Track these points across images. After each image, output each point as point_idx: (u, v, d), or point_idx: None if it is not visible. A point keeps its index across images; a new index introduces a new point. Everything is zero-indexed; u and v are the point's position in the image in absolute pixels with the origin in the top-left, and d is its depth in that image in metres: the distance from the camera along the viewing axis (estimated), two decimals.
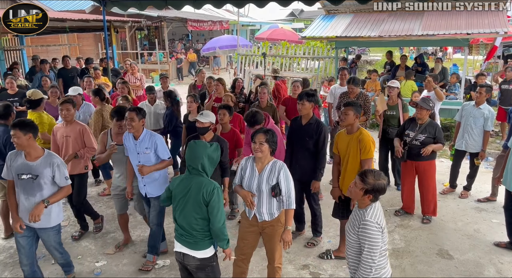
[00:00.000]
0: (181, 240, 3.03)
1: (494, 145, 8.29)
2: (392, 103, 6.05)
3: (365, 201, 2.75)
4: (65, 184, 3.62)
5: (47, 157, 3.54)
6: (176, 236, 3.07)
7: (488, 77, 11.70)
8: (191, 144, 3.03)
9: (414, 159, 5.18)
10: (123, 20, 12.84)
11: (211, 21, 23.17)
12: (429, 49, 20.98)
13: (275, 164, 3.38)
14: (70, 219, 5.44)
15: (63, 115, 4.72)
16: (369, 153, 3.96)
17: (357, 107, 4.03)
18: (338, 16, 11.53)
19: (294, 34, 20.32)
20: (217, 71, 21.01)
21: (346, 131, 4.14)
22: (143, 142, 4.02)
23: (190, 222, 2.96)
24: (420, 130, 5.08)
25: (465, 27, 9.24)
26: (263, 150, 3.29)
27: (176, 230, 3.07)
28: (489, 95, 6.13)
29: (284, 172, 3.35)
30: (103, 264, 4.43)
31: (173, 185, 3.07)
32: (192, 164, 2.97)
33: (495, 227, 5.17)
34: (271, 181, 3.34)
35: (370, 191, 2.69)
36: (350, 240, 2.86)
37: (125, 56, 18.47)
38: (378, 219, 2.69)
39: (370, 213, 2.71)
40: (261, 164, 3.39)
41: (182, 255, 3.04)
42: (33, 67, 10.45)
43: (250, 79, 12.59)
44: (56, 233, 3.75)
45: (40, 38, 15.15)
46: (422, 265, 4.36)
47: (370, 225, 2.66)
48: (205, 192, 2.90)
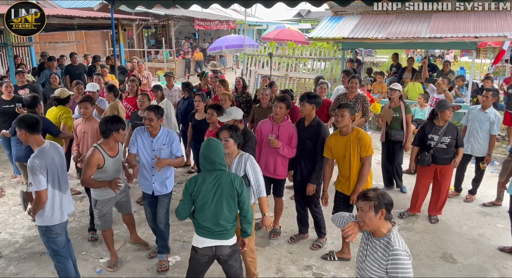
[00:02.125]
0: (212, 235, 3.12)
1: (500, 149, 8.25)
2: (394, 105, 6.03)
3: (382, 224, 2.42)
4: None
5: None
6: (203, 233, 3.14)
7: (496, 81, 11.65)
8: (213, 141, 3.16)
9: (439, 163, 5.16)
10: (131, 18, 12.86)
11: (218, 21, 23.19)
12: (437, 52, 20.88)
13: (241, 156, 3.58)
14: (75, 215, 5.48)
15: (82, 112, 4.86)
16: (369, 150, 4.01)
17: (351, 108, 4.07)
18: (345, 17, 11.52)
19: (301, 35, 20.29)
20: (223, 70, 21.03)
21: (340, 133, 4.13)
22: (160, 138, 4.07)
23: (223, 215, 3.10)
24: (444, 132, 5.08)
25: (473, 30, 9.21)
26: (228, 146, 3.50)
27: (201, 228, 3.13)
28: (495, 99, 6.11)
29: (251, 163, 3.56)
30: (107, 260, 4.45)
31: (194, 187, 3.09)
32: (217, 159, 3.10)
33: (499, 231, 5.15)
34: (239, 173, 3.52)
35: (379, 205, 2.38)
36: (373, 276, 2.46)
37: (132, 54, 18.55)
38: (405, 246, 2.37)
39: (396, 241, 2.36)
40: (229, 158, 3.57)
41: (215, 248, 3.15)
42: (42, 64, 10.54)
43: (256, 79, 12.60)
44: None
45: (48, 35, 15.22)
46: (425, 268, 4.35)
47: (401, 254, 2.30)
48: (237, 184, 3.10)
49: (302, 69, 13.66)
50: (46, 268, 4.29)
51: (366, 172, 4.07)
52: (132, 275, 4.21)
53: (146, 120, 3.99)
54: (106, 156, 3.84)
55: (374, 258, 2.44)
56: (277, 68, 13.37)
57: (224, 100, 5.61)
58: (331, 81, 12.55)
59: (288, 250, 4.68)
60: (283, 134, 4.46)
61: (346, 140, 4.07)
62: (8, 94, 6.08)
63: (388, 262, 2.34)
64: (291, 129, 4.48)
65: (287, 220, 5.33)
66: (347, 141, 4.06)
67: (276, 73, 12.70)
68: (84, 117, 4.87)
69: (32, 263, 4.38)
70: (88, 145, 4.82)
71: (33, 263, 4.39)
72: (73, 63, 9.82)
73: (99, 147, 3.84)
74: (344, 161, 4.14)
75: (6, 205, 5.83)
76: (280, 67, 13.55)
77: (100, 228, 4.23)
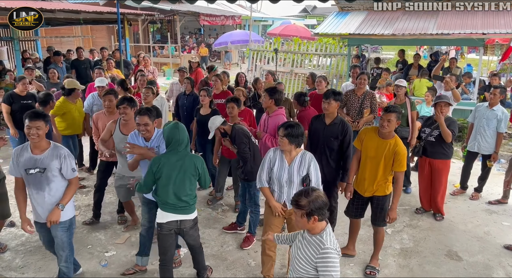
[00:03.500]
0: (176, 210, 3.47)
1: (507, 147, 8.19)
2: (399, 102, 6.00)
3: (315, 225, 2.49)
4: (71, 176, 3.50)
5: (54, 149, 3.44)
6: (166, 208, 3.46)
7: (503, 78, 11.55)
8: (180, 126, 3.46)
9: (429, 156, 5.21)
10: (137, 13, 12.88)
11: (224, 16, 23.13)
12: (443, 49, 20.70)
13: (304, 155, 3.57)
14: (81, 209, 5.52)
15: (106, 106, 4.98)
16: (403, 166, 3.90)
17: (398, 113, 3.89)
18: (351, 13, 11.44)
19: (307, 31, 20.19)
20: (228, 66, 21.01)
21: (379, 134, 3.96)
22: (154, 141, 3.92)
23: (185, 192, 3.45)
24: (436, 126, 5.10)
25: (480, 26, 9.11)
26: (282, 144, 3.49)
27: (165, 204, 3.45)
28: (503, 96, 6.05)
29: (314, 164, 3.56)
30: (113, 254, 4.48)
31: (158, 166, 3.39)
32: (183, 142, 3.44)
33: (505, 229, 5.12)
34: (302, 172, 3.54)
35: (311, 213, 2.43)
36: (301, 270, 2.56)
37: (138, 49, 18.56)
38: (336, 245, 2.48)
39: (328, 239, 2.46)
40: (290, 155, 3.56)
41: (179, 222, 3.51)
42: (48, 58, 10.57)
43: (261, 75, 12.57)
44: (65, 230, 3.56)
45: (54, 30, 15.27)
46: (430, 266, 4.34)
47: (332, 252, 2.41)
48: (199, 166, 3.49)
49: (307, 65, 13.61)
50: (52, 261, 4.31)
51: (401, 187, 4.00)
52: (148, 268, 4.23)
53: (141, 126, 3.76)
54: (117, 129, 4.41)
55: (305, 252, 2.55)
56: (282, 64, 13.32)
57: (238, 96, 5.58)
58: (337, 77, 12.51)
59: None
60: (271, 125, 4.59)
61: (382, 144, 3.92)
62: (24, 90, 6.17)
63: (318, 259, 2.44)
64: (279, 121, 4.51)
65: None
66: (383, 145, 3.90)
67: (281, 69, 12.66)
68: (109, 110, 4.96)
69: (38, 256, 4.41)
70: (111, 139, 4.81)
71: (39, 256, 4.42)
72: (79, 58, 9.84)
73: (119, 120, 4.48)
74: (371, 163, 4.00)
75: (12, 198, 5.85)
76: (285, 63, 13.50)
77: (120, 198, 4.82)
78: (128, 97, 4.54)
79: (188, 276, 4.13)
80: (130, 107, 4.40)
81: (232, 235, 4.89)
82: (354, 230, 4.42)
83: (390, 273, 4.22)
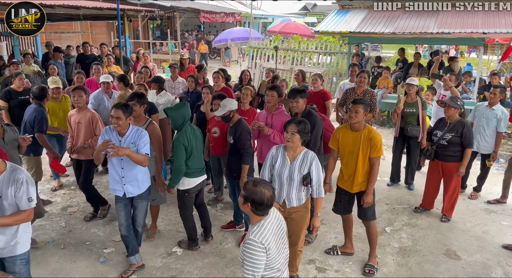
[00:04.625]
0: (201, 172, 4.30)
1: (507, 147, 8.20)
2: (411, 100, 5.97)
3: (252, 215, 2.51)
4: (26, 206, 2.92)
5: (11, 172, 2.91)
6: (196, 174, 4.23)
7: (502, 78, 11.54)
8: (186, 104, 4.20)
9: (441, 159, 5.16)
10: (136, 9, 12.85)
11: (224, 13, 23.06)
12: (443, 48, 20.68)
13: (307, 154, 3.54)
14: (79, 205, 5.51)
15: (75, 101, 4.85)
16: (380, 150, 3.95)
17: (366, 104, 3.98)
18: (352, 11, 11.42)
19: (307, 28, 20.16)
20: (228, 63, 20.98)
21: (351, 128, 4.04)
22: (129, 137, 3.84)
23: (202, 156, 4.34)
24: (448, 129, 5.04)
25: (481, 26, 9.11)
26: (294, 140, 3.43)
27: (195, 171, 4.20)
28: (503, 96, 6.05)
29: (316, 163, 3.53)
30: (111, 250, 4.48)
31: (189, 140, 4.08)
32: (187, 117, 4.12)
33: (504, 229, 5.13)
34: (303, 171, 3.51)
35: (246, 199, 2.45)
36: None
37: (137, 45, 18.52)
38: (264, 239, 2.43)
39: (255, 231, 2.46)
40: (293, 153, 3.54)
41: (202, 182, 4.35)
42: (47, 54, 10.52)
43: (261, 73, 12.55)
44: (24, 263, 3.11)
45: (54, 25, 15.20)
46: (429, 265, 4.34)
47: (253, 244, 2.41)
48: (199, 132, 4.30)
49: (307, 63, 13.60)
50: (51, 257, 4.33)
51: (376, 172, 4.01)
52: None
53: (113, 119, 3.72)
54: None
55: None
56: (282, 62, 13.31)
57: (246, 95, 5.43)
58: (337, 75, 12.50)
59: None
60: (277, 122, 4.54)
61: (356, 136, 3.99)
62: (21, 86, 6.08)
63: (243, 248, 2.47)
64: (284, 118, 4.51)
65: None
66: (357, 137, 3.98)
67: (281, 67, 12.64)
68: (78, 106, 4.85)
69: (37, 252, 4.39)
70: (82, 135, 4.82)
71: (39, 252, 4.41)
72: (85, 53, 9.84)
73: None
74: (350, 157, 4.06)
75: None
76: (285, 61, 13.49)
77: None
78: (139, 94, 4.47)
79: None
80: (139, 104, 4.33)
81: (231, 233, 4.89)
82: (348, 226, 4.42)
83: (389, 272, 4.22)
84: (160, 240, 4.73)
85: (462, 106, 5.04)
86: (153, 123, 4.45)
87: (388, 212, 5.52)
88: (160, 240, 4.72)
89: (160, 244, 4.65)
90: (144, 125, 4.34)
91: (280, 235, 2.58)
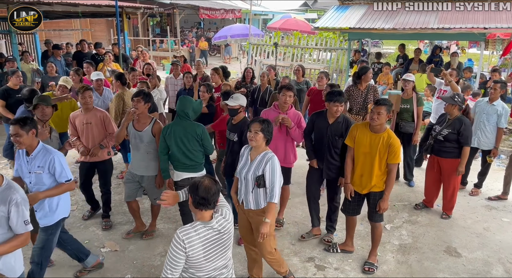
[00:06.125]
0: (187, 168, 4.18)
1: (507, 142, 8.15)
2: (406, 96, 5.94)
3: (193, 210, 2.44)
4: (22, 230, 2.62)
5: (4, 190, 2.59)
6: (180, 168, 4.18)
7: (503, 73, 11.49)
8: (182, 97, 4.20)
9: (437, 154, 5.14)
10: (135, 6, 12.76)
11: (224, 10, 22.97)
12: (444, 43, 20.59)
13: (265, 155, 3.40)
14: (78, 204, 5.49)
15: (85, 102, 4.67)
16: (398, 158, 3.86)
17: (389, 106, 3.84)
18: (352, 7, 11.34)
19: (307, 25, 20.04)
20: (228, 60, 20.91)
21: (371, 129, 3.92)
22: (36, 158, 3.27)
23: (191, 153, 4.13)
24: (446, 125, 5.00)
25: (482, 21, 9.04)
26: (257, 139, 3.34)
27: (179, 164, 4.17)
28: (503, 91, 6.00)
29: (271, 164, 3.34)
30: (109, 249, 4.46)
31: (167, 132, 4.09)
32: (185, 110, 4.08)
33: (505, 226, 5.09)
34: (258, 172, 3.38)
35: (189, 190, 2.43)
36: None
37: (137, 42, 18.47)
38: (187, 239, 2.31)
39: (185, 228, 2.36)
40: (255, 153, 3.45)
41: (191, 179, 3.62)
42: (46, 52, 10.49)
43: (261, 69, 12.50)
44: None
45: (53, 23, 15.17)
46: (429, 262, 4.31)
47: (176, 239, 2.32)
48: (200, 132, 4.11)
49: (307, 60, 13.54)
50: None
51: (393, 178, 3.95)
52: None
53: (12, 137, 3.18)
54: (131, 125, 4.40)
55: None
56: (282, 58, 13.24)
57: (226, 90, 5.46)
58: (337, 72, 12.44)
59: (291, 241, 4.66)
60: (294, 119, 4.51)
61: (374, 138, 3.87)
62: (18, 84, 6.03)
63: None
64: (297, 115, 4.56)
65: (290, 211, 5.31)
66: (376, 140, 3.86)
67: (281, 64, 12.59)
68: (88, 107, 4.70)
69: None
70: (94, 136, 4.72)
71: None
72: (82, 50, 9.80)
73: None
74: (365, 158, 3.96)
75: None
76: (285, 57, 13.42)
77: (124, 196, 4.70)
78: (146, 92, 4.40)
79: None
80: (144, 101, 4.26)
81: None
82: (351, 226, 4.39)
83: (389, 269, 4.20)
84: (158, 238, 4.71)
85: (460, 102, 4.98)
86: (158, 123, 4.42)
87: (388, 209, 5.47)
88: (159, 239, 4.70)
89: (158, 242, 4.62)
90: (150, 125, 4.34)
91: (218, 247, 2.46)
